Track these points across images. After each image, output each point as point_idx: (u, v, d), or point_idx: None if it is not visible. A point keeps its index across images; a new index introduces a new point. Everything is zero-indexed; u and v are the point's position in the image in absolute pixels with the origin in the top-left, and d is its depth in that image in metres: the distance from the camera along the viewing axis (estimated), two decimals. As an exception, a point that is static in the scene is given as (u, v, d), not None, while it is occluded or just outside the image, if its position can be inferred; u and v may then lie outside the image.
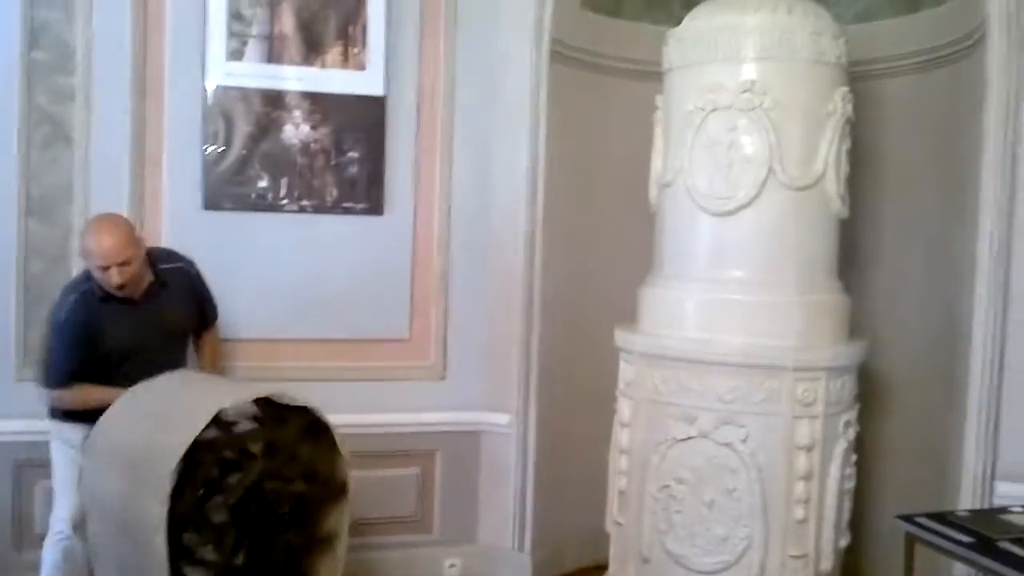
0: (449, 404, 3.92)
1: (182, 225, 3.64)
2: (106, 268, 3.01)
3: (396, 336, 3.89)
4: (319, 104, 3.77)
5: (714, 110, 3.26)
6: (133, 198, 3.58)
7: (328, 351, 3.80)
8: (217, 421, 2.66)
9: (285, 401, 2.76)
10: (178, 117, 3.64)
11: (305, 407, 2.79)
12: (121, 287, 3.04)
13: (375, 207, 3.83)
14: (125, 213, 3.51)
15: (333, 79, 3.79)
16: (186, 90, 3.64)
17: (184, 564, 2.56)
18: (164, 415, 2.65)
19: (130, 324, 3.14)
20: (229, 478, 2.68)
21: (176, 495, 2.51)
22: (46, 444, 3.28)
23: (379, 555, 3.83)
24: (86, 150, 3.53)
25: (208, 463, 2.66)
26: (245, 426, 2.79)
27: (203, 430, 2.55)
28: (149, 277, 3.20)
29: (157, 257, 3.25)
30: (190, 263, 3.35)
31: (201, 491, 2.63)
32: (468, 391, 3.94)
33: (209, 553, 2.60)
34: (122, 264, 3.00)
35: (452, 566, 3.98)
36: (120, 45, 3.54)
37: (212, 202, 3.68)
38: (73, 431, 3.15)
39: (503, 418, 3.91)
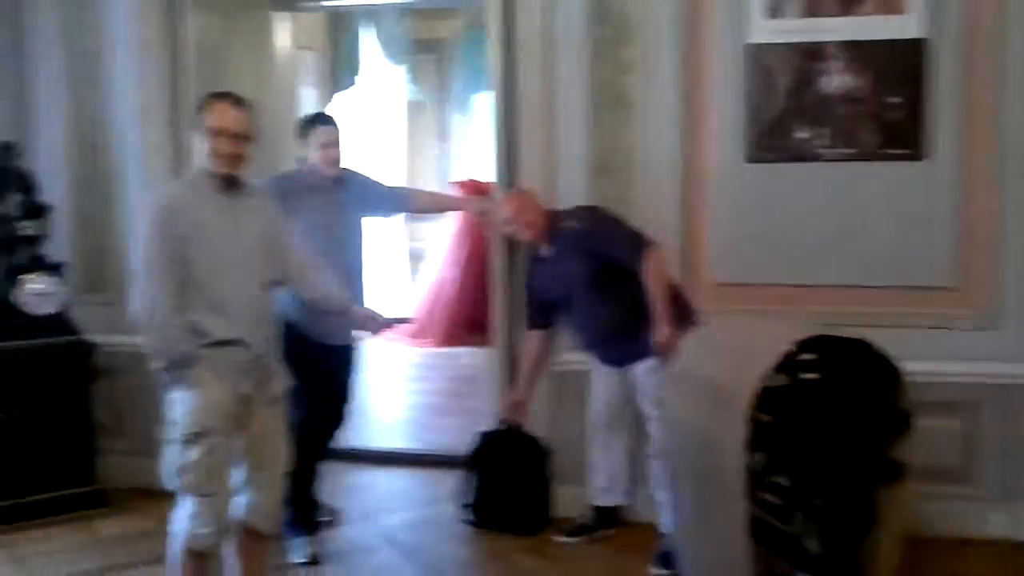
0: (1001, 355, 3.75)
1: (727, 178, 3.90)
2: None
3: (938, 283, 3.81)
4: (857, 52, 3.79)
5: None
6: (683, 156, 3.90)
7: (868, 297, 3.82)
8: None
9: (840, 336, 2.86)
10: (722, 78, 3.88)
11: (860, 340, 2.87)
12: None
13: (916, 152, 3.77)
14: (678, 170, 3.90)
15: (871, 26, 3.78)
16: (729, 51, 3.87)
17: (758, 488, 2.79)
18: (736, 347, 2.90)
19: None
20: (793, 405, 2.84)
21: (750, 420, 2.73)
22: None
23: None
24: (643, 115, 3.92)
25: (775, 393, 2.85)
26: (804, 358, 2.93)
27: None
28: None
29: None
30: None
31: (769, 418, 2.83)
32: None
33: (782, 480, 2.80)
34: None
35: (1000, 524, 3.82)
36: (671, 15, 3.86)
37: (754, 155, 3.89)
38: None
39: (1063, 372, 3.66)
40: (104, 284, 4.43)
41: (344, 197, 3.79)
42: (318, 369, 3.66)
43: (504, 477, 4.00)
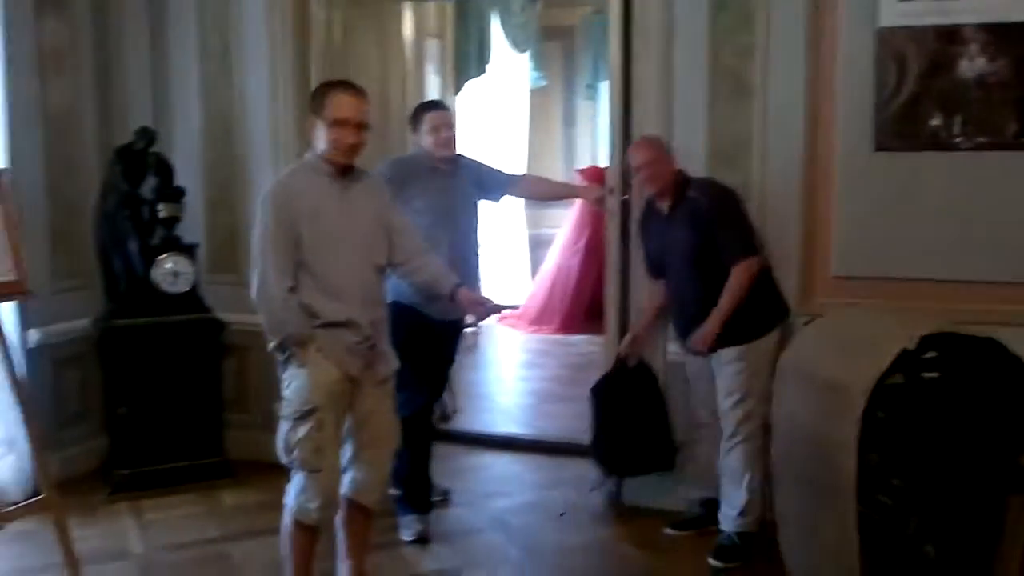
0: None
1: (853, 167, 3.74)
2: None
3: (1081, 281, 3.57)
4: (997, 35, 3.57)
5: None
6: (807, 144, 3.77)
7: (1000, 294, 3.60)
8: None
9: (967, 334, 2.73)
10: (849, 63, 3.72)
11: (990, 339, 2.73)
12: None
13: (1060, 142, 3.54)
14: (799, 158, 3.78)
15: (1013, 6, 3.56)
16: (858, 35, 3.70)
17: (874, 489, 2.69)
18: (853, 342, 2.80)
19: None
20: (911, 405, 2.73)
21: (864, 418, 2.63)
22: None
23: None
24: (764, 102, 3.81)
25: (892, 391, 2.74)
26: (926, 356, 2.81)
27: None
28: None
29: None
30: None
31: (884, 416, 2.72)
32: None
33: (896, 481, 2.69)
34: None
35: None
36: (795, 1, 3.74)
37: (883, 143, 3.72)
38: None
39: None
40: (232, 265, 4.62)
41: (457, 180, 3.85)
42: (430, 345, 3.77)
43: (625, 413, 3.94)
